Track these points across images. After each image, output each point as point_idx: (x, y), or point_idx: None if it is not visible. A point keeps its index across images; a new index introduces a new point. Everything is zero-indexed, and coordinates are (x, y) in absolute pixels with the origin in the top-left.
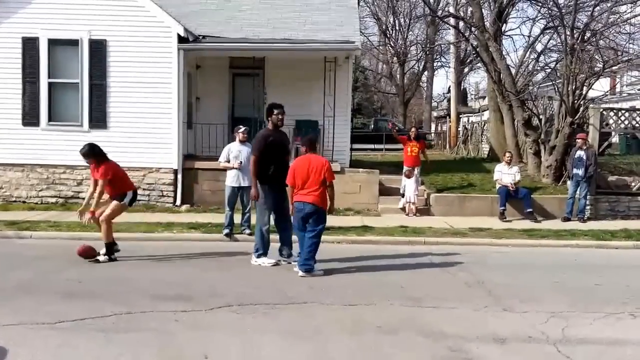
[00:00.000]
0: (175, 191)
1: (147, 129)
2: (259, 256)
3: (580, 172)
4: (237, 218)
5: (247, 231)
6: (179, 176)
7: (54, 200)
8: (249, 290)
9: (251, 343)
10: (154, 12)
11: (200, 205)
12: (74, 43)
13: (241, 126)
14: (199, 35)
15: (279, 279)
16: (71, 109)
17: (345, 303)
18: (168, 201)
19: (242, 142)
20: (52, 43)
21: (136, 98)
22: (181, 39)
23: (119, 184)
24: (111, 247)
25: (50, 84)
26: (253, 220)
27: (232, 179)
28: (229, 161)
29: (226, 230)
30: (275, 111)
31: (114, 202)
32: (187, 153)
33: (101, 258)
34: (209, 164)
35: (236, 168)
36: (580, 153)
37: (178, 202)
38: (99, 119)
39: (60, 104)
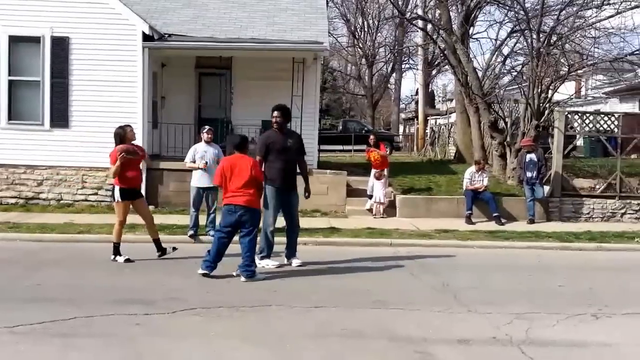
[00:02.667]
0: None
1: (110, 129)
2: (262, 258)
3: (534, 174)
4: (203, 219)
5: (212, 232)
6: (143, 177)
7: (13, 201)
8: (213, 293)
9: (214, 348)
10: (118, 10)
11: (165, 206)
12: (36, 40)
13: (206, 126)
14: (165, 34)
15: (244, 282)
16: (32, 108)
17: (311, 306)
18: None
19: (207, 142)
20: (13, 40)
21: (99, 97)
22: (146, 37)
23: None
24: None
25: (10, 82)
26: (218, 221)
27: (197, 180)
28: (194, 162)
29: (191, 232)
30: (274, 113)
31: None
32: (152, 153)
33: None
34: (174, 165)
35: (201, 168)
36: (531, 156)
37: None
38: (60, 118)
39: (21, 102)
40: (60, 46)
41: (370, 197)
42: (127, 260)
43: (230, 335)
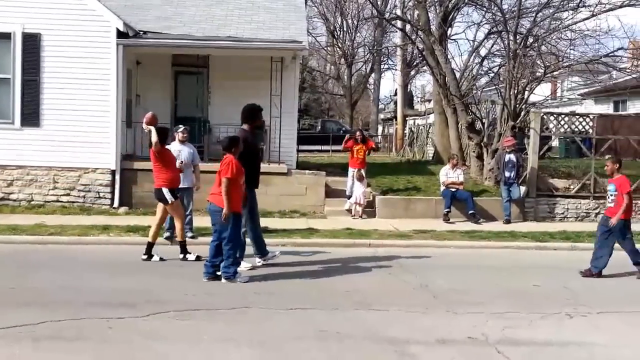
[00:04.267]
0: (112, 193)
1: (83, 127)
2: None
3: (512, 174)
4: None
5: (189, 234)
6: (117, 177)
7: None
8: (190, 295)
9: (192, 350)
10: (92, 5)
11: (140, 207)
12: (6, 37)
13: (181, 125)
14: (140, 31)
15: (222, 284)
16: (2, 106)
17: (290, 307)
18: (105, 203)
19: (181, 142)
20: None
21: (72, 95)
22: (121, 34)
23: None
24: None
25: None
26: (195, 223)
27: None
28: None
29: (167, 234)
30: (259, 115)
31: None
32: (126, 153)
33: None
34: (149, 165)
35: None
36: (510, 156)
37: (116, 204)
38: (31, 117)
39: None
40: (32, 43)
41: (349, 197)
42: (198, 258)
43: (208, 338)
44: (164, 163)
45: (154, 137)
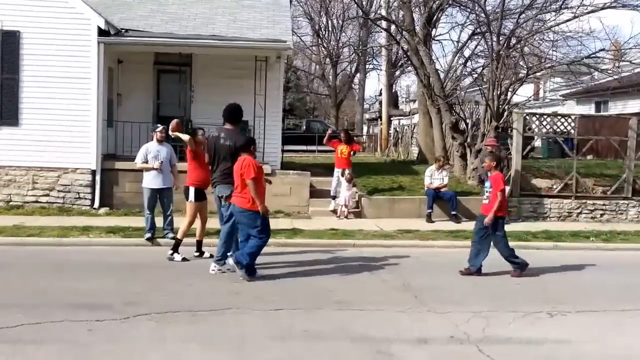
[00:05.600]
0: (93, 193)
1: (63, 127)
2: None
3: None
4: (159, 222)
5: (170, 235)
6: (98, 177)
7: None
8: (171, 297)
9: (171, 354)
10: (72, 3)
11: (121, 208)
12: None
13: (159, 125)
14: (122, 29)
15: (203, 286)
16: None
17: (272, 308)
18: (85, 204)
19: (159, 141)
20: None
21: (52, 94)
22: (102, 32)
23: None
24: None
25: None
26: (176, 224)
27: (151, 181)
28: (146, 162)
29: (148, 235)
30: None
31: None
32: (107, 153)
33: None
34: (130, 165)
35: (156, 169)
36: None
37: (96, 204)
38: (9, 115)
39: None
40: (11, 41)
41: (334, 198)
42: (184, 259)
43: (187, 340)
44: (199, 163)
45: (185, 137)
